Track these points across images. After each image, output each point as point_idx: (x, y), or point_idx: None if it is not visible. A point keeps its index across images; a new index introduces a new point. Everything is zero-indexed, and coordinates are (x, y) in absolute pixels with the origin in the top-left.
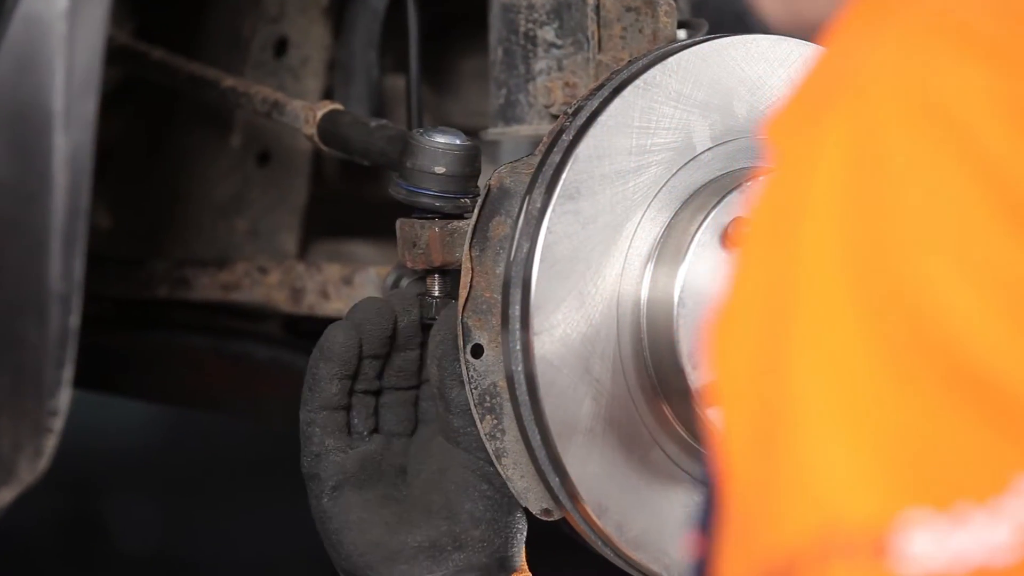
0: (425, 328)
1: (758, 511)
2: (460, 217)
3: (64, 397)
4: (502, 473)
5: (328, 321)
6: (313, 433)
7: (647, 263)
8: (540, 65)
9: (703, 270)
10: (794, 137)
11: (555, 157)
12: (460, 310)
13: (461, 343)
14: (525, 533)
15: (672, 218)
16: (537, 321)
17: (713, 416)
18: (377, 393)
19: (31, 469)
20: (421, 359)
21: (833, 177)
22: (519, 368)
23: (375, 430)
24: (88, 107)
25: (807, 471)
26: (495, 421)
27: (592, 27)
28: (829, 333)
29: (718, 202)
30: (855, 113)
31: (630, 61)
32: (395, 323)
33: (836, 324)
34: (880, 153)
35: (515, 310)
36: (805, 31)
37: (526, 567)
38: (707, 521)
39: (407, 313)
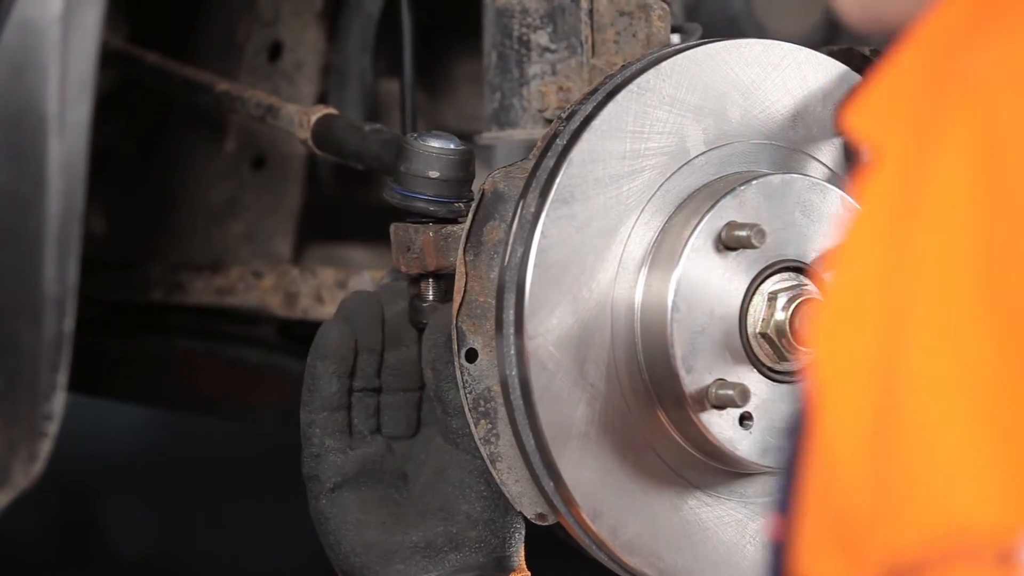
0: (420, 331)
1: (873, 507)
2: (454, 221)
3: (59, 401)
4: (496, 478)
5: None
6: (313, 434)
7: (641, 268)
8: (534, 69)
9: (697, 275)
10: (902, 131)
11: (549, 161)
12: (454, 314)
13: (455, 347)
14: (523, 532)
15: (666, 223)
16: (531, 326)
17: (812, 406)
18: (377, 392)
19: (26, 473)
20: (419, 360)
21: (960, 176)
22: (513, 373)
23: (377, 430)
24: (82, 112)
25: (934, 473)
26: (489, 425)
27: (586, 31)
28: (957, 332)
29: (712, 206)
30: (980, 113)
31: (624, 65)
32: (383, 314)
33: (964, 324)
34: (1009, 154)
35: (509, 314)
36: (884, 30)
37: (524, 566)
38: (786, 505)
39: (393, 303)
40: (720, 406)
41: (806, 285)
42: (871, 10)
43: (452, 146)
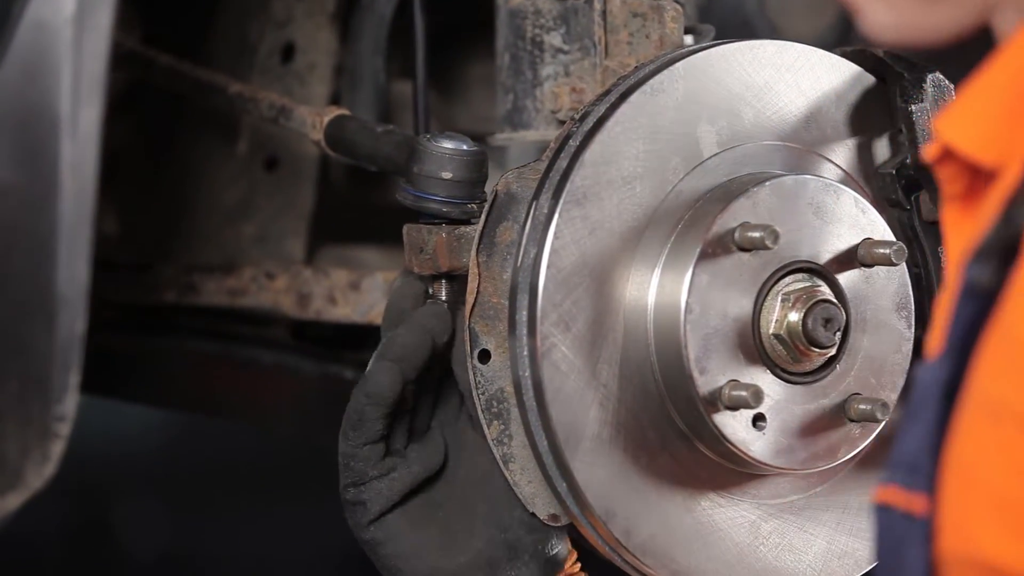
0: None
1: None
2: (467, 222)
3: (71, 402)
4: (509, 479)
5: (335, 326)
6: (356, 467)
7: (654, 269)
8: (547, 71)
9: (710, 276)
10: None
11: (562, 163)
12: (467, 316)
13: (468, 349)
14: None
15: (679, 224)
16: (544, 327)
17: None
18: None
19: (39, 474)
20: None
21: None
22: (526, 374)
23: (408, 441)
24: (94, 113)
25: None
26: (502, 427)
27: (599, 32)
28: None
29: (725, 208)
30: None
31: (637, 67)
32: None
33: None
34: None
35: (522, 316)
36: (916, 48)
37: (573, 549)
38: (932, 484)
39: (443, 335)
40: (733, 407)
41: (819, 286)
42: (906, 31)
43: (465, 147)
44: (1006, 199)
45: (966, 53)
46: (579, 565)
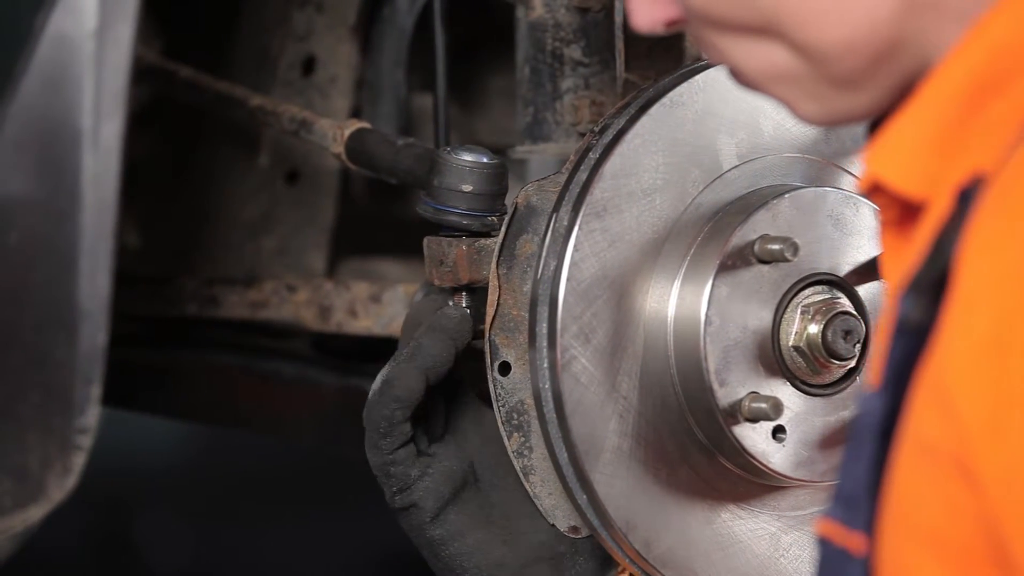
0: None
1: None
2: (487, 235)
3: (93, 415)
4: (530, 491)
5: (356, 339)
6: (397, 472)
7: (674, 281)
8: (567, 83)
9: (730, 288)
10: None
11: (582, 175)
12: (487, 328)
13: (488, 361)
14: None
15: (699, 236)
16: (564, 339)
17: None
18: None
19: (60, 487)
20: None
21: None
22: (546, 386)
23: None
24: (116, 126)
25: None
26: (523, 439)
27: (619, 45)
28: None
29: (745, 220)
30: None
31: (656, 79)
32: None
33: None
34: None
35: (542, 328)
36: (844, 124)
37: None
38: (871, 523)
39: (464, 338)
40: (753, 419)
41: (839, 298)
42: (838, 117)
43: (485, 160)
44: (936, 232)
45: None
46: (628, 573)
